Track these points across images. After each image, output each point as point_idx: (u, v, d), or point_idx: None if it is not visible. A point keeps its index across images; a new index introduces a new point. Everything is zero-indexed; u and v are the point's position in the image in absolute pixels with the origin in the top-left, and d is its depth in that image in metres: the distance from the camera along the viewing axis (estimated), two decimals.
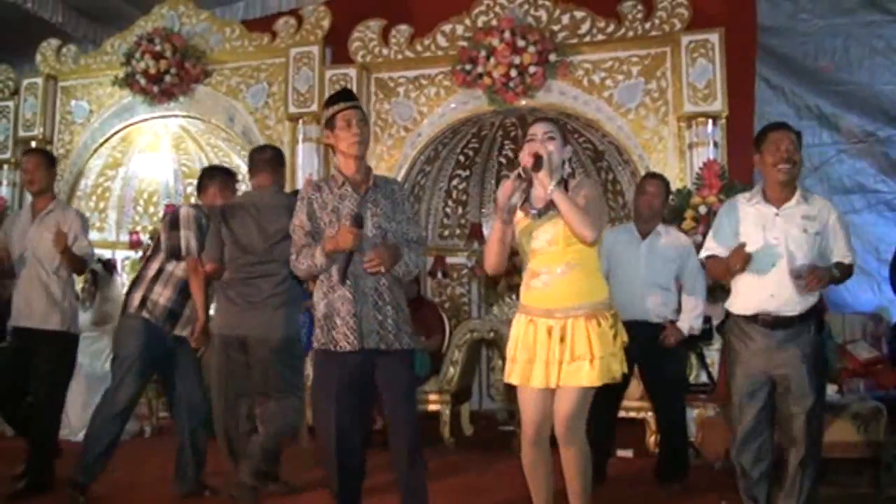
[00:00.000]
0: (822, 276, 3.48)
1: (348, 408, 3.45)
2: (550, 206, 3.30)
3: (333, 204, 3.51)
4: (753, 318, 3.63)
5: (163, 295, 4.56)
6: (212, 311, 4.57)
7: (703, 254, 3.84)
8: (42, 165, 5.06)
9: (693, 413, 5.54)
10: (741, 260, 3.52)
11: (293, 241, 3.55)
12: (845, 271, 3.62)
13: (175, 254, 4.58)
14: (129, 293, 4.68)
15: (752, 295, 3.65)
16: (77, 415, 6.32)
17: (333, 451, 3.42)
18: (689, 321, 4.76)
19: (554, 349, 3.26)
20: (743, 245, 3.55)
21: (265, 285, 4.23)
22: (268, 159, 4.50)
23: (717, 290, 5.74)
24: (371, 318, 3.44)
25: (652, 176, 5.21)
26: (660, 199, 4.93)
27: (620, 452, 5.67)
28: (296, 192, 4.24)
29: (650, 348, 4.65)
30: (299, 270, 3.54)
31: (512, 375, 3.39)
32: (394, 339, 3.48)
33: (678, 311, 4.82)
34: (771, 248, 3.59)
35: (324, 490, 4.27)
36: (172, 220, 4.67)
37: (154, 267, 4.65)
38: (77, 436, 6.08)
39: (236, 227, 4.28)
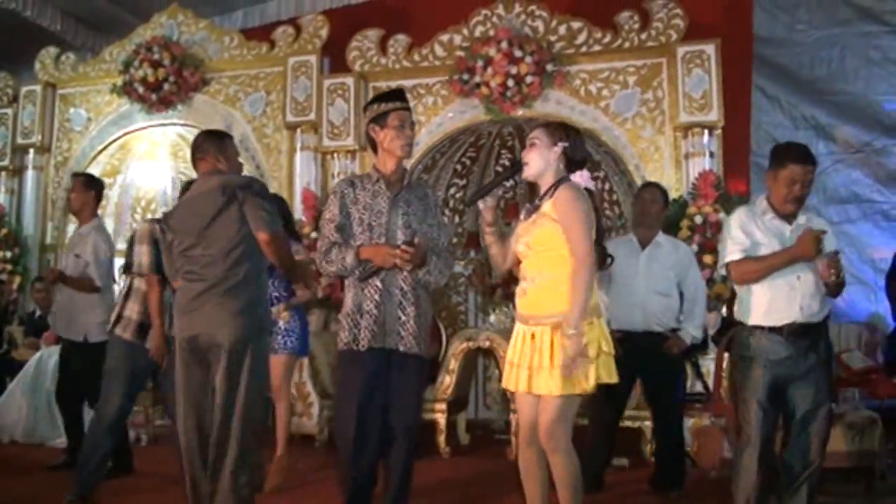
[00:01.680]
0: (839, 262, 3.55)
1: (369, 409, 3.45)
2: (533, 210, 3.34)
3: (365, 200, 3.54)
4: (779, 330, 3.62)
5: (133, 310, 4.66)
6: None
7: (730, 258, 3.68)
8: (78, 189, 5.40)
9: (689, 422, 5.56)
10: (816, 241, 3.51)
11: (321, 235, 3.56)
12: None
13: (135, 269, 4.69)
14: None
15: (780, 307, 3.63)
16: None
17: (351, 452, 3.43)
18: (692, 330, 4.80)
19: (528, 354, 3.27)
20: (811, 230, 3.55)
21: (207, 274, 3.61)
22: (198, 146, 3.87)
23: (713, 301, 5.77)
24: (394, 319, 3.47)
25: (648, 184, 5.28)
26: (657, 204, 4.94)
27: (616, 461, 5.67)
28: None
29: (651, 358, 4.68)
30: (327, 271, 3.54)
31: (504, 379, 3.43)
32: (413, 342, 3.50)
33: (679, 318, 4.85)
34: None
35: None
36: (132, 236, 4.87)
37: (126, 284, 4.77)
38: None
39: (174, 221, 3.83)
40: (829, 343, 3.70)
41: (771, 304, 3.64)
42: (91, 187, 5.45)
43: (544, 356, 3.21)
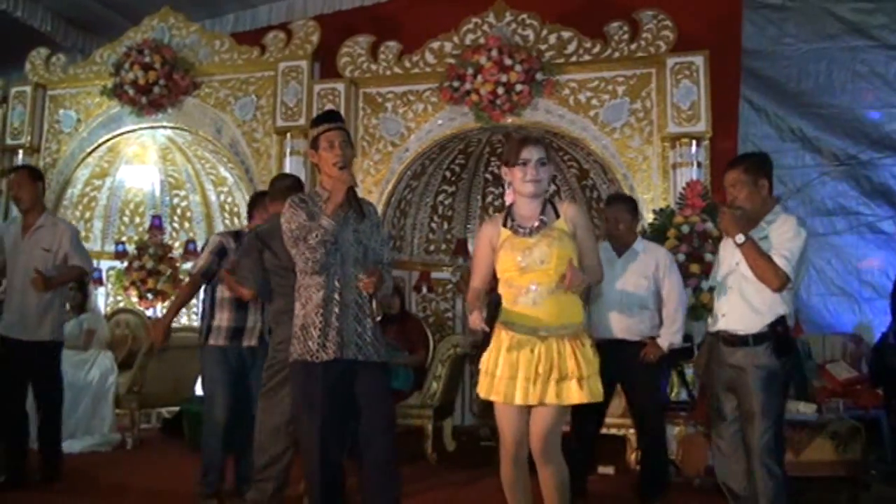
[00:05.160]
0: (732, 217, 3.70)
1: (331, 419, 3.46)
2: (542, 226, 3.39)
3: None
4: (717, 336, 3.85)
5: (223, 318, 4.75)
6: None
7: (710, 282, 4.16)
8: (26, 182, 5.27)
9: (674, 430, 5.58)
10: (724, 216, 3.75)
11: (294, 240, 3.49)
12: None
13: (191, 269, 4.89)
14: (201, 321, 4.92)
15: (715, 314, 3.90)
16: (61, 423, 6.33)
17: (317, 462, 3.43)
18: (669, 336, 4.75)
19: (537, 366, 3.29)
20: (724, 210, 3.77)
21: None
22: (289, 187, 4.46)
23: (700, 310, 5.80)
24: (351, 331, 3.49)
25: (612, 200, 5.17)
26: (624, 223, 4.89)
27: (601, 469, 5.70)
28: None
29: (629, 367, 4.67)
30: (314, 250, 3.42)
31: (492, 392, 3.39)
32: (373, 350, 3.53)
33: (659, 327, 4.82)
34: (732, 271, 3.79)
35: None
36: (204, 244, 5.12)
37: (209, 296, 4.86)
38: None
39: (279, 250, 4.04)
40: (774, 362, 3.65)
41: (713, 311, 3.96)
42: (39, 178, 5.43)
43: (567, 366, 3.27)
